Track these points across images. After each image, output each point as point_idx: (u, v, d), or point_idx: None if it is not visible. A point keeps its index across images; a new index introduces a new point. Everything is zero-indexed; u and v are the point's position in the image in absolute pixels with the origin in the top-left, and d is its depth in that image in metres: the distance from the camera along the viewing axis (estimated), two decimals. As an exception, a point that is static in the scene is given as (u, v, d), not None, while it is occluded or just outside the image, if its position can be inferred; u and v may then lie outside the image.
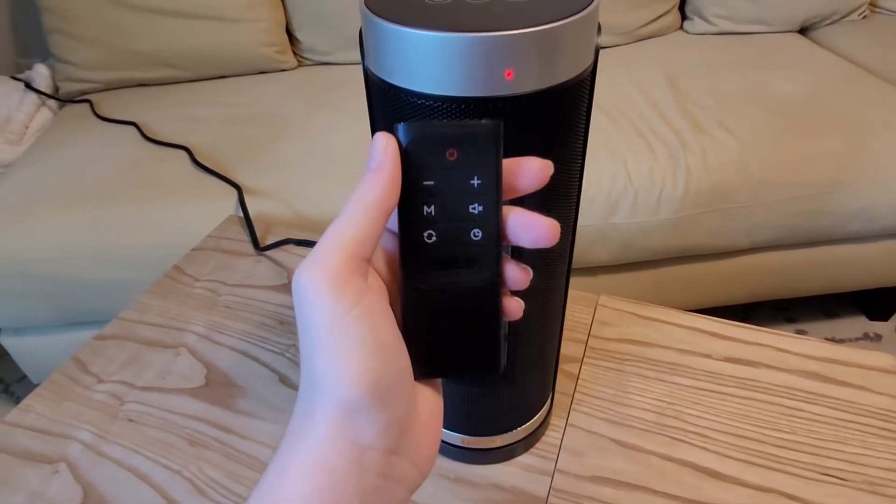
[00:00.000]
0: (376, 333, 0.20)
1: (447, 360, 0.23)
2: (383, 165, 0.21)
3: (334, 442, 0.20)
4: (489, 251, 0.22)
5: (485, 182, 0.22)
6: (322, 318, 0.20)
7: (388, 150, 0.21)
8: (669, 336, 0.55)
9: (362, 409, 0.20)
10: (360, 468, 0.20)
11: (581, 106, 0.30)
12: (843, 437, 0.46)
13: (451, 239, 0.22)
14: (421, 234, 0.22)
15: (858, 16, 1.48)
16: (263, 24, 1.32)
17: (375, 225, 0.21)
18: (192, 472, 0.46)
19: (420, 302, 0.23)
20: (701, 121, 1.09)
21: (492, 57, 0.25)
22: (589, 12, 0.26)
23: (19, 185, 1.03)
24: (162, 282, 0.65)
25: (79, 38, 1.27)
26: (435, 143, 0.21)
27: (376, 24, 0.26)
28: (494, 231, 0.22)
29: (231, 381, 0.54)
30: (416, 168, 0.22)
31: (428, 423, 0.23)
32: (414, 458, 0.22)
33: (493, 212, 0.22)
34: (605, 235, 1.02)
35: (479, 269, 0.22)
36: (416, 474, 0.23)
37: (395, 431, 0.21)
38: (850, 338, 1.31)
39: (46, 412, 0.52)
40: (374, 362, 0.20)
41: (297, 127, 1.14)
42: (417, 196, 0.22)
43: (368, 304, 0.20)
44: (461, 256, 0.22)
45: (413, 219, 0.22)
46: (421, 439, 0.23)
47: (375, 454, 0.21)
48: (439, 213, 0.22)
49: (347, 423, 0.20)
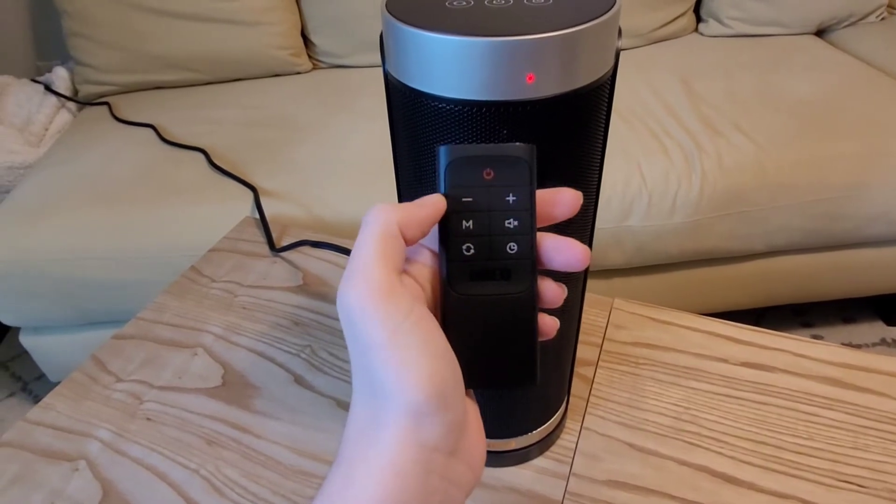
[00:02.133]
0: (432, 339, 0.21)
1: (486, 371, 0.24)
2: (423, 204, 0.23)
3: (403, 446, 0.21)
4: (524, 264, 0.24)
5: (519, 199, 0.23)
6: (379, 332, 0.21)
7: (437, 201, 0.23)
8: (685, 340, 0.55)
9: (429, 413, 0.21)
10: (426, 471, 0.21)
11: (601, 109, 0.30)
12: (862, 443, 0.45)
13: (489, 252, 0.24)
14: (460, 246, 0.24)
15: (877, 18, 1.47)
16: (279, 27, 1.33)
17: (400, 242, 0.22)
18: (209, 471, 0.47)
19: (460, 312, 0.24)
20: (716, 123, 1.08)
21: (513, 61, 0.25)
22: (610, 16, 0.26)
23: (39, 186, 1.05)
24: (179, 282, 0.66)
25: (98, 41, 1.29)
26: (473, 164, 0.23)
27: (398, 28, 0.26)
28: (529, 244, 0.24)
29: (247, 382, 0.54)
30: (456, 186, 0.23)
31: (476, 428, 0.24)
32: (468, 460, 0.23)
33: (527, 226, 0.24)
34: (619, 239, 1.02)
35: (516, 281, 0.24)
36: (472, 476, 0.23)
37: (455, 433, 0.22)
38: (868, 343, 1.29)
39: (67, 410, 0.53)
40: (436, 366, 0.21)
41: (313, 129, 1.15)
42: (458, 212, 0.23)
43: (420, 313, 0.21)
44: (498, 269, 0.24)
45: (454, 232, 0.24)
46: (473, 443, 0.24)
47: (439, 456, 0.21)
48: (477, 227, 0.24)
49: (415, 427, 0.21)
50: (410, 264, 0.24)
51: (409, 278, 0.23)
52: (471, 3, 0.28)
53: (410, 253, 0.25)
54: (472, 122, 0.27)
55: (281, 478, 0.46)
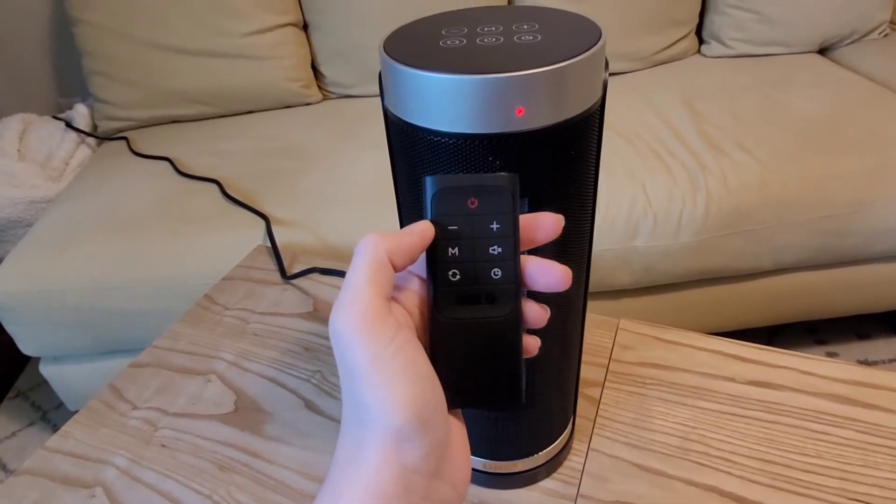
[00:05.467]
0: (414, 364, 0.22)
1: (472, 391, 0.25)
2: (411, 231, 0.24)
3: (384, 468, 0.22)
4: (508, 289, 0.24)
5: (503, 226, 0.24)
6: (363, 356, 0.22)
7: (425, 228, 0.24)
8: (691, 360, 0.55)
9: (409, 435, 0.22)
10: (407, 491, 0.22)
11: (591, 139, 0.31)
12: (872, 461, 0.45)
13: (474, 277, 0.24)
14: (446, 272, 0.24)
15: (879, 34, 1.47)
16: (290, 60, 1.37)
17: (389, 270, 0.23)
18: (222, 496, 0.48)
19: (446, 335, 0.24)
20: (720, 142, 1.09)
21: (503, 96, 0.26)
22: (595, 51, 0.28)
23: (60, 219, 1.08)
24: (194, 311, 0.68)
25: (117, 78, 1.33)
26: (458, 193, 0.24)
27: (394, 68, 0.28)
28: (513, 270, 0.24)
29: (259, 407, 0.55)
30: (442, 214, 0.24)
31: (460, 448, 0.25)
32: (452, 480, 0.24)
33: (510, 253, 0.24)
34: (626, 259, 1.03)
35: (500, 305, 0.24)
36: (455, 495, 0.24)
37: (436, 455, 0.23)
38: (884, 360, 1.27)
39: (84, 438, 0.54)
40: (416, 390, 0.22)
41: (322, 158, 1.17)
42: (444, 239, 0.24)
43: (403, 338, 0.22)
44: (483, 294, 0.24)
45: (440, 259, 0.25)
46: (456, 463, 0.24)
47: (420, 477, 0.22)
48: (463, 254, 0.24)
49: (396, 450, 0.22)
50: (400, 291, 0.25)
51: (398, 305, 0.24)
52: (463, 41, 0.29)
53: (400, 280, 0.26)
54: (465, 154, 0.28)
55: (291, 502, 0.47)
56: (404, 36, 0.31)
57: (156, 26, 1.30)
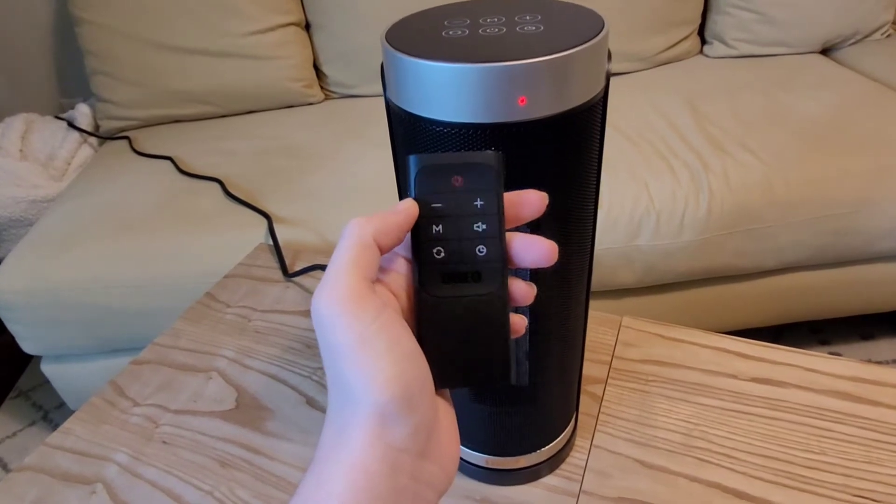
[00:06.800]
0: (398, 342, 0.22)
1: (460, 370, 0.25)
2: (395, 210, 0.24)
3: (370, 446, 0.21)
4: (494, 266, 0.24)
5: (487, 204, 0.24)
6: (346, 336, 0.21)
7: (409, 207, 0.24)
8: (694, 356, 0.55)
9: (394, 413, 0.21)
10: (394, 470, 0.22)
11: (594, 129, 0.31)
12: (875, 457, 0.45)
13: (459, 255, 0.24)
14: (431, 250, 0.24)
15: (881, 35, 1.47)
16: (292, 60, 1.37)
17: (374, 252, 0.23)
18: (223, 493, 0.48)
19: (433, 314, 0.24)
20: (722, 142, 1.09)
21: (505, 85, 0.26)
22: (598, 41, 0.28)
23: (62, 218, 1.08)
24: (195, 308, 0.68)
25: (119, 78, 1.34)
26: (442, 171, 0.24)
27: (396, 58, 0.28)
28: (498, 247, 0.24)
29: (260, 404, 0.55)
30: (426, 192, 0.24)
31: (448, 429, 0.25)
32: (440, 461, 0.24)
33: (495, 230, 0.24)
34: (628, 258, 1.02)
35: (486, 283, 0.24)
36: (444, 477, 0.24)
37: (423, 434, 0.23)
38: (888, 360, 1.27)
39: (85, 435, 0.54)
40: (400, 368, 0.22)
41: (324, 157, 1.17)
42: (428, 217, 0.24)
43: (387, 317, 0.22)
44: (469, 271, 0.24)
45: (424, 237, 0.24)
46: (444, 444, 0.24)
47: (407, 456, 0.22)
48: (447, 232, 0.24)
49: (381, 428, 0.21)
50: (385, 273, 0.25)
51: (383, 287, 0.24)
52: (466, 32, 0.29)
53: (386, 262, 0.25)
54: (467, 144, 0.28)
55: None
56: (406, 27, 0.31)
57: (158, 26, 1.30)
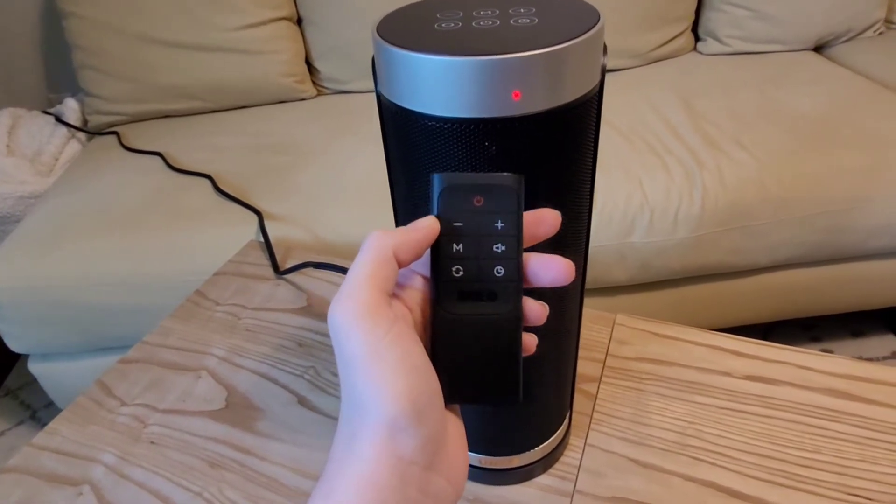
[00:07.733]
0: (409, 356, 0.22)
1: (470, 387, 0.25)
2: (417, 227, 0.24)
3: (379, 458, 0.21)
4: (510, 287, 0.25)
5: (507, 225, 0.25)
6: (359, 347, 0.22)
7: (431, 224, 0.24)
8: (688, 354, 0.54)
9: (403, 426, 0.22)
10: (403, 482, 0.22)
11: (589, 125, 0.30)
12: (869, 455, 0.45)
13: (477, 274, 0.25)
14: (450, 268, 0.25)
15: (874, 32, 1.48)
16: (284, 55, 1.36)
17: (392, 266, 0.23)
18: (212, 494, 0.47)
19: (447, 331, 0.25)
20: (716, 139, 1.09)
21: (499, 79, 0.26)
22: (593, 34, 0.27)
23: (49, 214, 1.07)
24: (184, 306, 0.67)
25: (107, 73, 1.32)
26: (464, 191, 0.25)
27: (388, 50, 0.27)
28: (515, 268, 0.25)
29: (251, 404, 0.54)
30: (447, 211, 0.25)
31: (457, 444, 0.25)
32: (448, 475, 0.24)
33: (513, 251, 0.25)
34: (622, 255, 1.02)
35: (501, 303, 0.25)
36: (451, 492, 0.24)
37: (432, 447, 0.23)
38: (878, 356, 1.28)
39: (72, 435, 0.53)
40: (411, 381, 0.22)
41: (316, 154, 1.16)
42: (448, 235, 0.25)
43: (399, 330, 0.22)
44: (485, 291, 0.25)
45: (444, 254, 0.25)
46: (453, 458, 0.24)
47: (416, 469, 0.22)
48: (466, 251, 0.25)
49: (390, 441, 0.22)
50: (402, 289, 0.25)
51: (399, 301, 0.25)
52: (459, 24, 0.29)
53: (403, 279, 0.26)
54: (460, 139, 0.27)
55: (283, 499, 0.46)
56: (398, 19, 0.30)
57: (147, 20, 1.29)
